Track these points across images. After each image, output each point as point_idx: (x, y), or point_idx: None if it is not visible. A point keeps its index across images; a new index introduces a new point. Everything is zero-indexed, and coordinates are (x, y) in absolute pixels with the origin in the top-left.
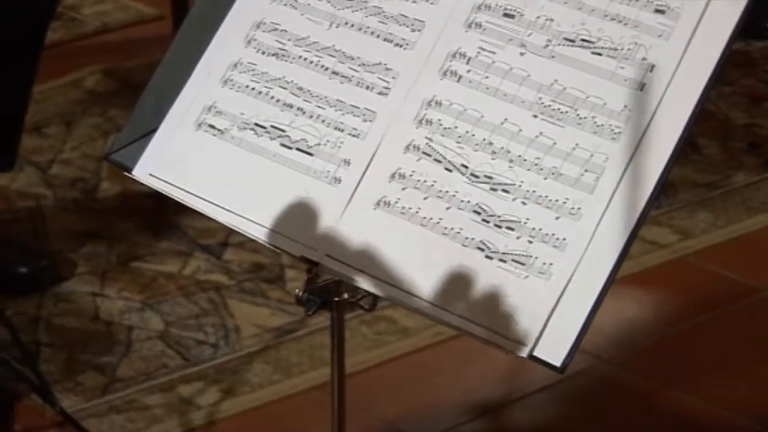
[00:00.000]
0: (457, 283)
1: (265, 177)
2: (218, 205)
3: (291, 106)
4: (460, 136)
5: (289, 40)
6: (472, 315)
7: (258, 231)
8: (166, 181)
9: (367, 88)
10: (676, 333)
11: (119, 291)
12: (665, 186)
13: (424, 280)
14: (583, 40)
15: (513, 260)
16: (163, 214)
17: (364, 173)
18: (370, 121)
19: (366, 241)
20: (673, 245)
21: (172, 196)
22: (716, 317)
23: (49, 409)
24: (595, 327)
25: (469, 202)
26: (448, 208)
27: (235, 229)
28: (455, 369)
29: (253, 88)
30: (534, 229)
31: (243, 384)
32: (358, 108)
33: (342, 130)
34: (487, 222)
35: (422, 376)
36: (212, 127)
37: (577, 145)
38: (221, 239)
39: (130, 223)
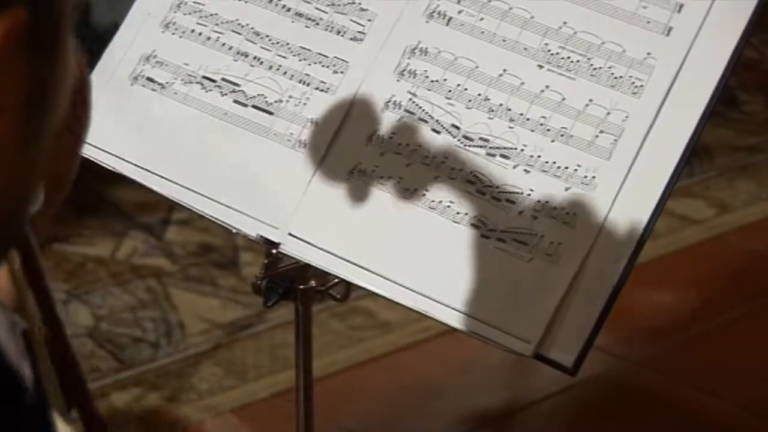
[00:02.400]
0: (447, 267)
1: (214, 140)
2: (158, 174)
3: (246, 54)
4: (450, 91)
5: None
6: (465, 307)
7: (206, 205)
8: (93, 145)
9: (338, 32)
10: (711, 327)
11: None
12: (698, 150)
13: (407, 264)
14: None
15: (514, 240)
16: (89, 186)
17: (334, 136)
18: (342, 72)
19: (337, 217)
20: (709, 221)
21: (101, 163)
22: (759, 308)
23: None
24: (612, 321)
25: (461, 170)
26: (436, 178)
27: (178, 202)
28: (446, 372)
29: (200, 33)
30: (539, 202)
31: (189, 390)
32: (327, 57)
33: (308, 84)
34: (483, 194)
35: (406, 381)
36: (151, 80)
37: (590, 101)
38: (162, 215)
39: None
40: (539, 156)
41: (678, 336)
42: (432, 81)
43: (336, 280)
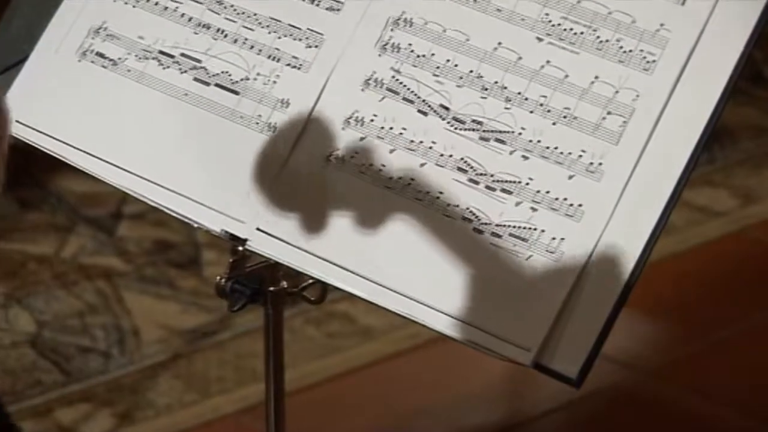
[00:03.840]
0: (436, 266)
1: (172, 123)
2: (108, 162)
3: (208, 27)
4: (438, 67)
5: None
6: (456, 310)
7: (164, 196)
8: (36, 129)
9: (312, 1)
10: (733, 333)
11: None
12: (719, 133)
13: (391, 262)
14: None
15: (511, 234)
16: (31, 175)
17: (308, 118)
18: (316, 46)
19: (311, 210)
20: (732, 213)
21: (43, 149)
22: None
23: None
24: (622, 326)
25: (451, 156)
26: (422, 165)
27: (132, 194)
28: (436, 384)
29: (156, 3)
30: (539, 192)
31: (145, 407)
32: (300, 29)
33: (278, 60)
34: (476, 183)
35: (391, 395)
36: (101, 56)
37: (596, 78)
38: (112, 209)
39: None
40: (539, 140)
41: (695, 343)
42: (418, 56)
43: (310, 281)
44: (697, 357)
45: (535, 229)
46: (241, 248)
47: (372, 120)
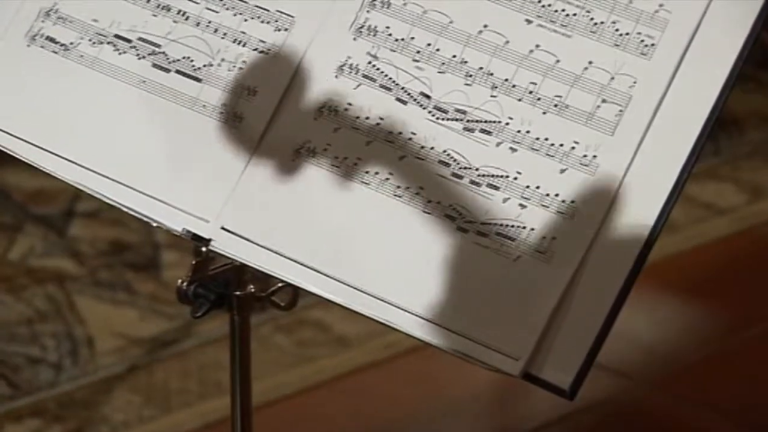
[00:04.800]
0: (416, 268)
1: (130, 113)
2: (59, 155)
3: (168, 8)
4: (418, 52)
5: None
6: (438, 316)
7: (120, 193)
8: None
9: None
10: (741, 340)
11: None
12: (725, 122)
13: (367, 264)
14: None
15: (498, 233)
16: None
17: (276, 107)
18: (285, 30)
19: (280, 207)
20: (739, 209)
21: None
22: None
23: None
24: (621, 333)
25: (432, 148)
26: (401, 158)
27: (86, 190)
28: (416, 397)
29: None
30: (528, 187)
31: (99, 423)
32: (268, 11)
33: (244, 44)
34: (460, 177)
35: (367, 408)
36: (52, 40)
37: (590, 63)
38: (64, 206)
39: None
40: (528, 131)
41: (699, 352)
42: (396, 40)
43: (280, 285)
44: (701, 366)
45: (524, 228)
46: (204, 249)
47: (346, 109)
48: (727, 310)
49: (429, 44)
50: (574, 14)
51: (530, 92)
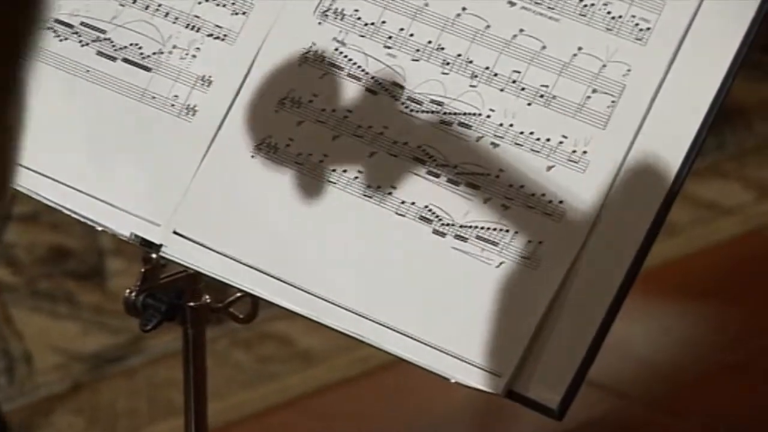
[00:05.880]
0: (388, 275)
1: (72, 106)
2: None
3: None
4: (390, 37)
5: None
6: (413, 328)
7: (60, 194)
8: None
9: None
10: (748, 353)
11: None
12: (729, 114)
13: (334, 272)
14: None
15: (479, 237)
16: None
17: (234, 99)
18: (244, 13)
19: (238, 209)
20: (745, 209)
21: None
22: None
23: None
24: (615, 347)
25: (406, 143)
26: (372, 155)
27: (23, 191)
28: (389, 418)
29: None
30: (512, 186)
31: None
32: None
33: (197, 29)
34: (436, 176)
35: (336, 429)
36: None
37: (579, 49)
38: None
39: None
40: (511, 124)
41: (701, 366)
42: (366, 24)
43: (238, 294)
44: (703, 383)
45: (507, 231)
46: (154, 255)
47: (311, 101)
48: (733, 320)
49: (402, 29)
50: None
51: (513, 81)
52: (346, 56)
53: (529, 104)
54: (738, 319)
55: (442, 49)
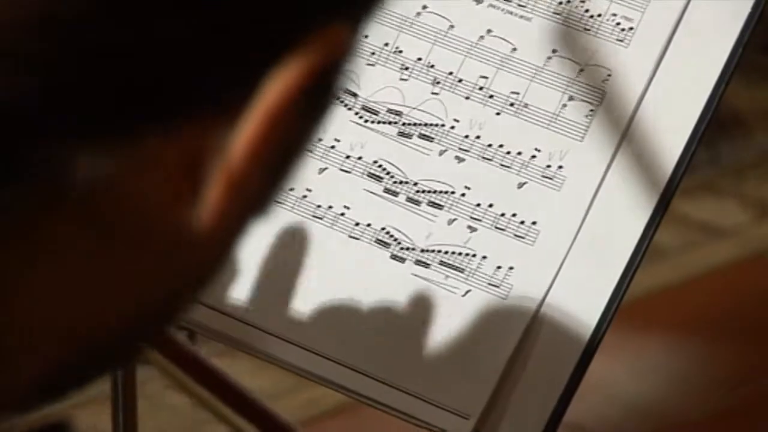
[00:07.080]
0: (340, 306)
1: None
2: None
3: None
4: None
5: None
6: (370, 366)
7: None
8: None
9: None
10: (744, 396)
11: None
12: (725, 122)
13: (280, 302)
14: None
15: (442, 263)
16: None
17: None
18: None
19: None
20: (744, 231)
21: None
22: None
23: None
24: (597, 386)
25: (360, 158)
26: (322, 170)
27: None
28: None
29: None
30: (479, 206)
31: None
32: None
33: None
34: (395, 194)
35: None
36: None
37: (554, 52)
38: None
39: None
40: (477, 136)
41: (695, 409)
42: None
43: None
44: (697, 427)
45: (474, 256)
46: None
47: None
48: (730, 357)
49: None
50: None
51: (480, 88)
52: None
53: (497, 113)
54: (735, 357)
55: (400, 52)
